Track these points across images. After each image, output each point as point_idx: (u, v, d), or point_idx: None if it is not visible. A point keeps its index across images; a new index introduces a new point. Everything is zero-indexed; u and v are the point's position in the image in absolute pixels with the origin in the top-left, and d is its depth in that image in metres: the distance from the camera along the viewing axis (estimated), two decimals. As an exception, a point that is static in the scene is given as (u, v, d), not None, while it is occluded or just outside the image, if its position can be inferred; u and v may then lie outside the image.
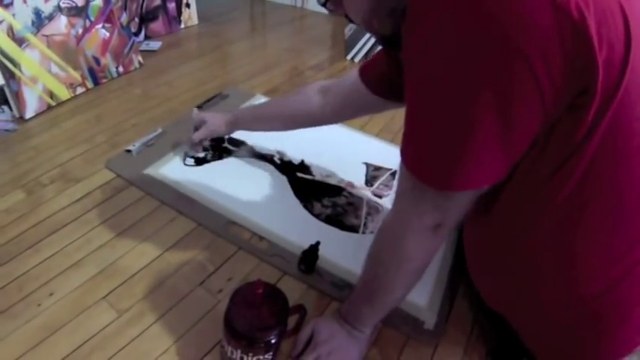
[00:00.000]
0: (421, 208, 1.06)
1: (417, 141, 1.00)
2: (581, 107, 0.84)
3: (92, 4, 2.68)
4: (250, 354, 1.26)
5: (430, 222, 1.07)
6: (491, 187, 0.99)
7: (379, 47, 2.13)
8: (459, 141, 0.90)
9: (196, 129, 2.06)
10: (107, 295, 1.55)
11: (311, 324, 1.41)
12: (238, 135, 2.26)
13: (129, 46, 2.89)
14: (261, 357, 1.28)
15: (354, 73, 1.67)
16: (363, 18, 1.12)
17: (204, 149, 2.18)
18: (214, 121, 2.04)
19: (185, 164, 2.11)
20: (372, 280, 1.27)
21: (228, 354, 1.29)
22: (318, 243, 1.67)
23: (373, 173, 2.12)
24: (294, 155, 2.20)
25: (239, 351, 1.26)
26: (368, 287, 1.30)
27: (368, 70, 1.63)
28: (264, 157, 2.17)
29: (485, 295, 1.33)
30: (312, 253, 1.66)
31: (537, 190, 0.97)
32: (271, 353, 1.30)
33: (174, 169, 2.08)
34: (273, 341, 1.26)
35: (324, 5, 1.18)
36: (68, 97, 2.60)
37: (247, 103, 2.57)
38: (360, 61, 3.12)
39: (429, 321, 1.50)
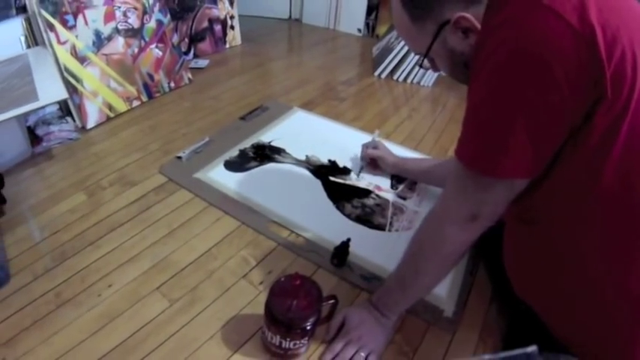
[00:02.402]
0: (462, 198, 1.11)
1: (469, 139, 1.06)
2: (596, 114, 0.91)
3: (147, 26, 2.71)
4: (288, 339, 1.27)
5: (468, 212, 1.10)
6: (525, 187, 1.05)
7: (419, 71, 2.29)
8: (500, 139, 0.97)
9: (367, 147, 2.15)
10: (160, 286, 1.56)
11: (343, 312, 1.43)
12: (277, 143, 2.27)
13: (179, 64, 2.91)
14: (298, 342, 1.29)
15: None
16: (450, 72, 1.24)
17: (250, 157, 2.19)
18: (386, 152, 2.12)
19: (357, 175, 2.15)
20: (409, 264, 1.30)
21: (269, 339, 1.31)
22: (348, 240, 1.68)
23: (398, 177, 2.12)
24: (325, 161, 2.20)
25: (278, 336, 1.28)
26: (403, 272, 1.32)
27: None
28: (301, 163, 2.18)
29: (520, 290, 1.30)
30: (343, 248, 1.66)
31: (580, 198, 1.01)
32: (306, 338, 1.31)
33: (221, 174, 2.09)
34: (308, 327, 1.27)
35: (420, 66, 1.30)
36: (125, 109, 2.62)
37: (285, 115, 2.59)
38: (386, 77, 3.12)
39: (448, 309, 1.49)
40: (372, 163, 2.15)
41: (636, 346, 1.06)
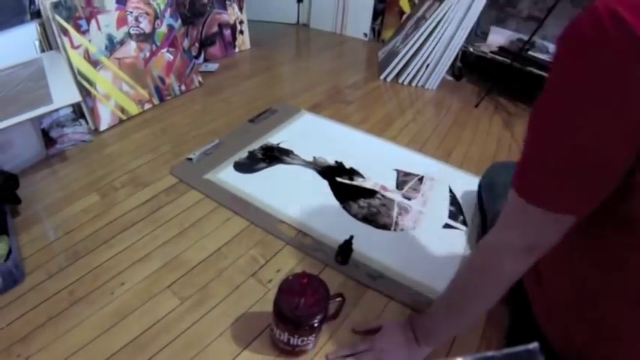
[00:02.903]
0: (523, 229, 1.01)
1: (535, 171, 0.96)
2: None
3: (158, 31, 2.71)
4: (296, 336, 1.27)
5: (526, 244, 1.01)
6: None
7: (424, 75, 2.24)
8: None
9: None
10: (171, 284, 1.57)
11: (384, 321, 1.42)
12: (285, 145, 2.28)
13: (190, 68, 2.92)
14: (305, 338, 1.29)
15: None
16: None
17: (259, 159, 2.19)
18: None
19: None
20: (458, 290, 1.22)
21: (277, 336, 1.31)
22: (351, 237, 1.68)
23: (403, 179, 2.11)
24: (332, 162, 2.20)
25: (286, 333, 1.28)
26: (451, 298, 1.25)
27: None
28: (309, 164, 2.18)
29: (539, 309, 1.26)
30: (347, 246, 1.67)
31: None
32: (314, 335, 1.31)
33: (230, 175, 2.09)
34: (315, 325, 1.27)
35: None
36: (137, 112, 2.63)
37: (293, 118, 2.59)
38: (391, 80, 3.11)
39: (453, 307, 1.49)
40: None
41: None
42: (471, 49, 3.28)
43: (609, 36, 0.73)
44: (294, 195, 1.98)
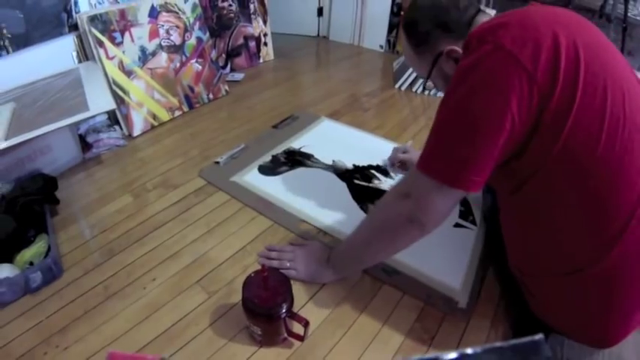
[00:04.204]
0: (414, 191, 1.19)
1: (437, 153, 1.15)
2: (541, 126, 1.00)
3: (188, 42, 2.71)
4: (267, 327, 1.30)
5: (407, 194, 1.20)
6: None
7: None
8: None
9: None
10: (199, 280, 1.56)
11: (315, 241, 1.68)
12: (306, 149, 2.27)
13: (217, 77, 2.92)
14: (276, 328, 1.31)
15: None
16: (443, 88, 1.34)
17: (282, 162, 2.18)
18: (415, 156, 2.05)
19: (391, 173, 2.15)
20: (362, 238, 1.40)
21: (255, 332, 1.33)
22: None
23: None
24: (350, 165, 2.18)
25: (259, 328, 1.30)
26: (354, 240, 1.43)
27: None
28: (328, 167, 2.16)
29: (513, 265, 1.35)
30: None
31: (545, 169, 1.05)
32: (284, 326, 1.32)
33: (255, 177, 2.08)
34: (283, 314, 1.28)
35: (423, 87, 1.47)
36: (168, 118, 2.63)
37: (314, 124, 2.57)
38: (405, 89, 3.10)
39: (463, 301, 1.47)
40: (401, 166, 2.13)
41: (610, 317, 1.12)
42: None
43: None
44: (314, 196, 1.96)
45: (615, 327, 1.12)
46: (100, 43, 2.28)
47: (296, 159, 2.23)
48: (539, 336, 0.33)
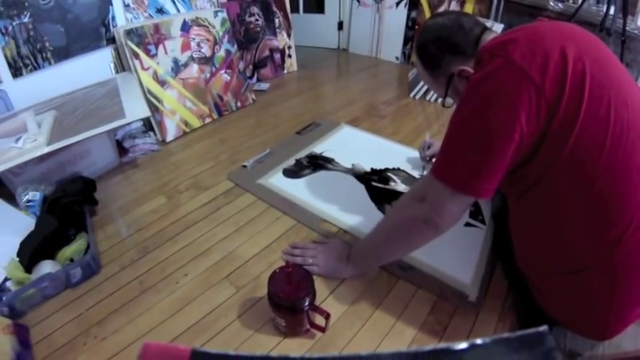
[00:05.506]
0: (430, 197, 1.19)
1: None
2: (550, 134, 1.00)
3: (217, 55, 2.72)
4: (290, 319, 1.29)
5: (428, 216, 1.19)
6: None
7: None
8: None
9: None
10: (228, 275, 1.56)
11: (336, 239, 1.68)
12: (327, 154, 2.26)
13: (245, 87, 2.92)
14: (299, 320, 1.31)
15: None
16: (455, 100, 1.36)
17: (305, 166, 2.18)
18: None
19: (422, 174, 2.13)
20: (381, 237, 1.40)
21: (280, 323, 1.32)
22: None
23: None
24: (368, 168, 2.17)
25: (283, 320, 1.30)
26: (375, 239, 1.42)
27: None
28: (348, 171, 2.15)
29: (521, 263, 1.33)
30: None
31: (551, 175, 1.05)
32: (307, 318, 1.31)
33: (279, 180, 2.08)
34: (306, 307, 1.27)
35: (443, 105, 1.40)
36: (199, 125, 2.63)
37: (334, 130, 2.56)
38: (419, 98, 3.08)
39: (472, 295, 1.47)
40: (431, 161, 2.10)
41: (610, 312, 1.12)
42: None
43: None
44: (335, 197, 1.95)
45: (615, 321, 1.13)
46: (136, 55, 2.30)
47: (318, 163, 2.22)
48: (543, 327, 0.32)
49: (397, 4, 3.64)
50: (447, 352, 0.32)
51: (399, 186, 2.04)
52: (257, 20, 3.24)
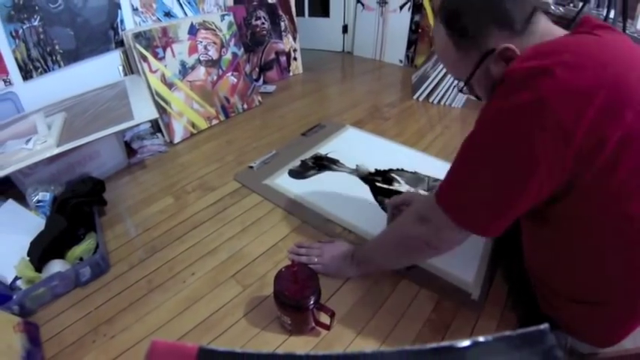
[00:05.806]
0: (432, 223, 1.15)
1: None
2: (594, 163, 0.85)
3: (224, 57, 2.72)
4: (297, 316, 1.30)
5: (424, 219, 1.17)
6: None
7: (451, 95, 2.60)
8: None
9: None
10: (235, 274, 1.56)
11: (341, 239, 1.67)
12: (332, 155, 2.27)
13: (251, 89, 2.92)
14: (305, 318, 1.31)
15: None
16: (488, 97, 1.07)
17: (310, 167, 2.18)
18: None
19: None
20: (385, 247, 1.39)
21: (285, 322, 1.32)
22: None
23: (433, 184, 2.07)
24: (372, 169, 2.17)
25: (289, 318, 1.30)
26: (379, 246, 1.42)
27: None
28: (352, 171, 2.15)
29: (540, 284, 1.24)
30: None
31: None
32: (312, 316, 1.31)
33: (285, 181, 2.08)
34: (311, 305, 1.27)
35: (460, 91, 1.16)
36: (206, 127, 2.63)
37: (339, 132, 2.56)
38: (423, 100, 3.08)
39: (475, 294, 1.46)
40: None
41: (620, 333, 1.10)
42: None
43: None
44: (340, 198, 1.96)
45: (621, 336, 1.10)
46: (144, 58, 2.30)
47: (323, 164, 2.22)
48: (544, 325, 0.32)
49: (401, 7, 3.64)
50: (449, 350, 0.32)
51: (403, 186, 2.04)
52: (263, 24, 3.24)
